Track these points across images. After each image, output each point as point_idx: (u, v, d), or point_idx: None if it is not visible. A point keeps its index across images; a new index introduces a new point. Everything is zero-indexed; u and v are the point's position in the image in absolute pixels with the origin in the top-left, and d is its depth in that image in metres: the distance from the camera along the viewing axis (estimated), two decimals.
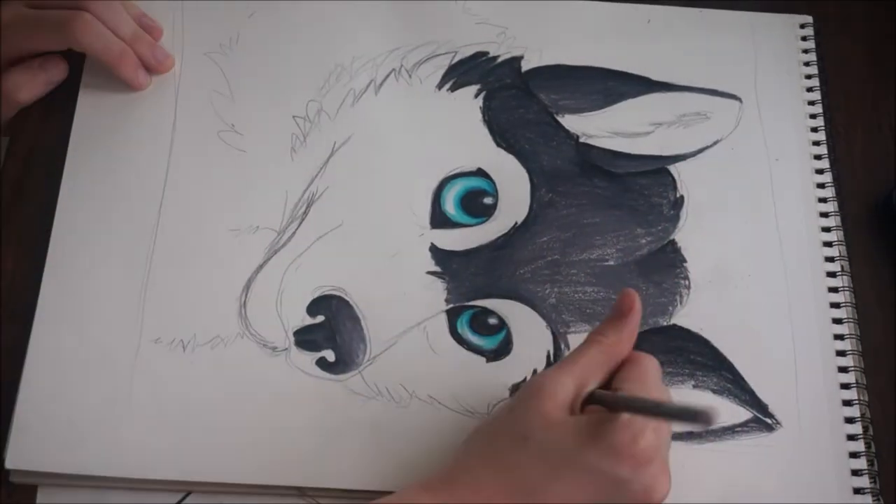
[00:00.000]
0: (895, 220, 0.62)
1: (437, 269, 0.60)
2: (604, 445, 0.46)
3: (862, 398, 0.58)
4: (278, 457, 0.54)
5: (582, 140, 0.63)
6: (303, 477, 0.54)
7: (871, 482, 0.56)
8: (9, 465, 0.53)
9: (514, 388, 0.57)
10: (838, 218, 0.62)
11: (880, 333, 0.60)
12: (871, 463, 0.56)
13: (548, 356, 0.58)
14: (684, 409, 0.44)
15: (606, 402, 0.48)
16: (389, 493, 0.50)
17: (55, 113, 0.62)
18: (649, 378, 0.50)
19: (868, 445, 0.57)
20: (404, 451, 0.55)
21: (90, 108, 0.62)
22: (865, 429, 0.57)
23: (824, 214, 0.62)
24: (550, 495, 0.47)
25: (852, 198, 0.63)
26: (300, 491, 0.54)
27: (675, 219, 0.62)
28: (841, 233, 0.62)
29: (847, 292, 0.60)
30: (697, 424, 0.43)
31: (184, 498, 0.54)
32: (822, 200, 0.63)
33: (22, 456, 0.53)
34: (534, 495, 0.47)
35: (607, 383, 0.50)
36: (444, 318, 0.58)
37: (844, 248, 0.62)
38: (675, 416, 0.45)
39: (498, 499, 0.47)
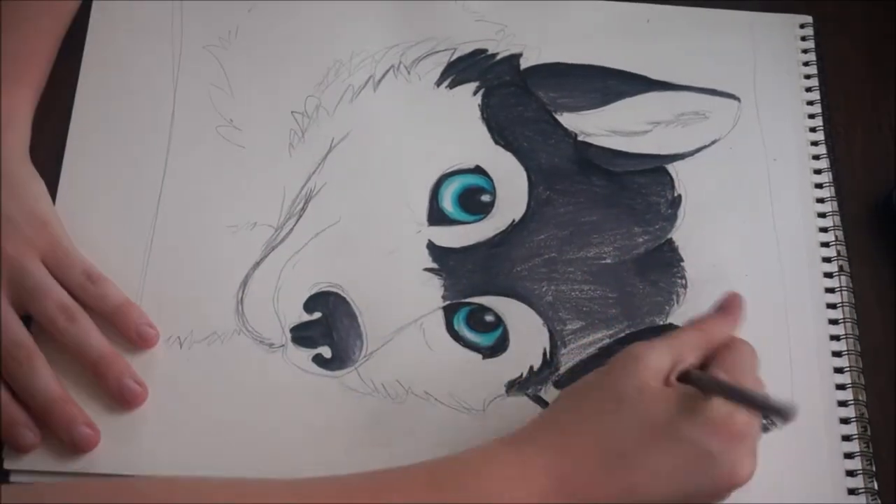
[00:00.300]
0: (895, 220, 0.62)
1: (435, 265, 0.60)
2: (699, 418, 0.47)
3: (859, 398, 0.58)
4: (274, 452, 0.54)
5: (580, 138, 0.63)
6: (298, 472, 0.54)
7: (867, 482, 0.56)
8: (8, 465, 0.53)
9: (510, 385, 0.57)
10: (836, 218, 0.62)
11: (880, 333, 0.60)
12: (867, 463, 0.56)
13: (544, 353, 0.58)
14: (768, 401, 0.46)
15: (700, 383, 0.48)
16: None
17: (53, 107, 0.62)
18: (744, 365, 0.50)
19: (866, 445, 0.57)
20: (400, 448, 0.55)
21: (88, 103, 0.62)
22: (863, 429, 0.57)
23: (822, 215, 0.62)
24: (640, 461, 0.47)
25: (852, 198, 0.63)
26: None
27: (672, 218, 0.62)
28: (839, 233, 0.62)
29: (844, 293, 0.60)
30: (779, 418, 0.45)
31: None
32: (820, 201, 0.63)
33: (21, 456, 0.53)
34: (624, 459, 0.47)
35: (702, 367, 0.50)
36: (440, 314, 0.58)
37: (844, 248, 0.62)
38: (759, 406, 0.46)
39: (588, 461, 0.47)
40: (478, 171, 0.62)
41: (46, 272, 0.55)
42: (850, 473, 0.56)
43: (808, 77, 0.66)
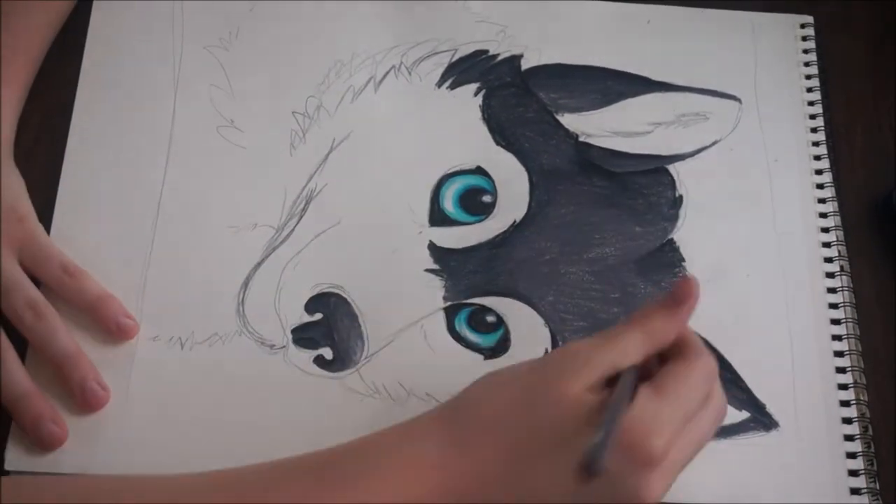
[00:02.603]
0: (895, 220, 0.62)
1: (436, 266, 0.60)
2: None
3: (861, 398, 0.58)
4: (275, 454, 0.54)
5: (581, 139, 0.63)
6: None
7: (868, 482, 0.56)
8: (9, 466, 0.53)
9: None
10: (837, 218, 0.62)
11: (880, 333, 0.60)
12: (869, 463, 0.56)
13: (546, 354, 0.58)
14: (595, 448, 0.41)
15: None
16: None
17: (54, 109, 0.62)
18: (685, 384, 0.46)
19: (867, 445, 0.57)
20: None
21: (89, 104, 0.62)
22: (864, 429, 0.57)
23: (823, 215, 0.62)
24: (541, 469, 0.45)
25: (852, 198, 0.63)
26: None
27: (673, 218, 0.62)
28: (840, 233, 0.62)
29: (846, 292, 0.60)
30: (583, 469, 0.41)
31: None
32: (821, 201, 0.63)
33: (22, 457, 0.53)
34: (523, 462, 0.45)
35: (645, 367, 0.48)
36: (442, 315, 0.58)
37: (844, 248, 0.62)
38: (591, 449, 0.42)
39: (488, 463, 0.45)
40: (479, 171, 0.62)
41: (18, 268, 0.55)
42: (853, 473, 0.56)
43: (808, 77, 0.66)
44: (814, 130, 0.65)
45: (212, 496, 0.45)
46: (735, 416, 0.57)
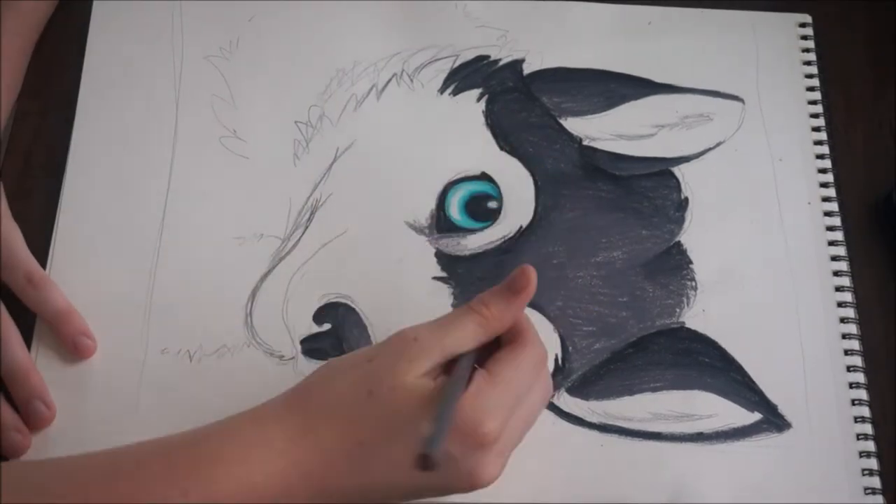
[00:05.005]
0: (895, 219, 0.62)
1: (443, 274, 0.59)
2: None
3: (862, 398, 0.58)
4: None
5: (585, 143, 0.63)
6: None
7: (884, 482, 0.56)
8: None
9: None
10: (838, 217, 0.62)
11: (881, 333, 0.60)
12: (879, 462, 0.56)
13: (556, 360, 0.58)
14: (431, 433, 0.43)
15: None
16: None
17: (55, 122, 0.61)
18: (516, 369, 0.48)
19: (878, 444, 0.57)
20: None
21: (90, 117, 0.61)
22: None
23: (828, 213, 0.62)
24: (381, 454, 0.46)
25: (852, 198, 0.63)
26: None
27: (680, 220, 0.62)
28: (840, 233, 0.62)
29: (850, 292, 0.60)
30: (420, 460, 0.42)
31: None
32: (826, 199, 0.63)
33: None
34: (365, 450, 0.46)
35: (483, 351, 0.49)
36: None
37: (845, 247, 0.62)
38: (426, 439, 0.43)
39: (329, 449, 0.46)
40: (484, 177, 0.62)
41: None
42: (867, 472, 0.56)
43: (809, 77, 0.66)
44: (816, 129, 0.65)
45: (57, 487, 0.45)
46: (747, 417, 0.57)
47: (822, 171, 0.64)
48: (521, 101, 0.64)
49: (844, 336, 0.59)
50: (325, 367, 0.50)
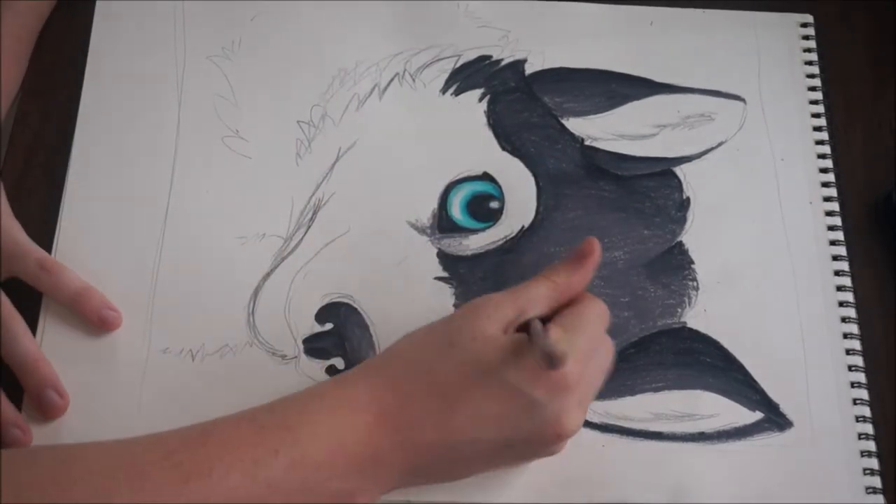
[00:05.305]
0: (895, 219, 0.62)
1: (445, 274, 0.59)
2: (525, 365, 0.47)
3: (863, 398, 0.58)
4: None
5: (587, 143, 0.63)
6: None
7: (884, 482, 0.56)
8: None
9: None
10: (839, 217, 0.63)
11: (881, 332, 0.60)
12: (881, 462, 0.56)
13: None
14: (544, 347, 0.45)
15: (531, 332, 0.48)
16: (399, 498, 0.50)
17: (57, 122, 0.61)
18: (584, 320, 0.50)
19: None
20: None
21: (93, 116, 0.61)
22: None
23: (830, 213, 0.62)
24: (464, 402, 0.47)
25: (852, 198, 0.64)
26: None
27: (681, 220, 0.62)
28: (842, 232, 0.62)
29: (850, 292, 0.60)
30: (546, 363, 0.45)
31: None
32: (828, 199, 0.63)
33: None
34: (448, 399, 0.47)
35: (548, 319, 0.50)
36: None
37: (845, 247, 0.62)
38: (539, 354, 0.46)
39: (413, 399, 0.48)
40: (486, 177, 0.62)
41: None
42: (868, 472, 0.56)
43: (810, 76, 0.66)
44: (818, 129, 0.65)
45: (148, 454, 0.45)
46: (749, 416, 0.57)
47: (824, 170, 0.64)
48: (522, 101, 0.64)
49: (846, 335, 0.59)
50: (402, 338, 0.51)
